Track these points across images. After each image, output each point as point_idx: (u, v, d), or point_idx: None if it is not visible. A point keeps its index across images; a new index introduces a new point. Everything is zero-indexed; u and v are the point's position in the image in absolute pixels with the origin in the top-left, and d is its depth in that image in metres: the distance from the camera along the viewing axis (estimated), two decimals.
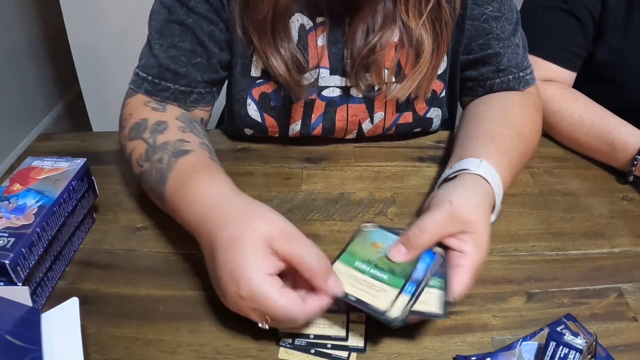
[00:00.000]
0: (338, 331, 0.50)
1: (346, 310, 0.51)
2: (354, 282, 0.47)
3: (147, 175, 0.59)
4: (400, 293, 0.47)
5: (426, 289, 0.47)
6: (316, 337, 0.49)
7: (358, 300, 0.46)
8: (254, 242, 0.45)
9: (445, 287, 0.47)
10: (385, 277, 0.48)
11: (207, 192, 0.52)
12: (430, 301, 0.46)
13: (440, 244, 0.51)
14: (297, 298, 0.44)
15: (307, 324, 0.49)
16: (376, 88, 0.69)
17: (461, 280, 0.48)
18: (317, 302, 0.45)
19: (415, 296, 0.47)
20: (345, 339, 0.49)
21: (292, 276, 0.47)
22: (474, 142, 0.63)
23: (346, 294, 0.46)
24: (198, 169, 0.55)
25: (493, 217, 0.56)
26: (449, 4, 0.64)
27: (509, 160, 0.60)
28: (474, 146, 0.61)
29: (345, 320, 0.50)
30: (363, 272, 0.49)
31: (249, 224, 0.46)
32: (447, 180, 0.58)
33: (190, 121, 0.65)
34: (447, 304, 0.46)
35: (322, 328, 0.50)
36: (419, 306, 0.46)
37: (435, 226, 0.49)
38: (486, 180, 0.55)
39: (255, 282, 0.43)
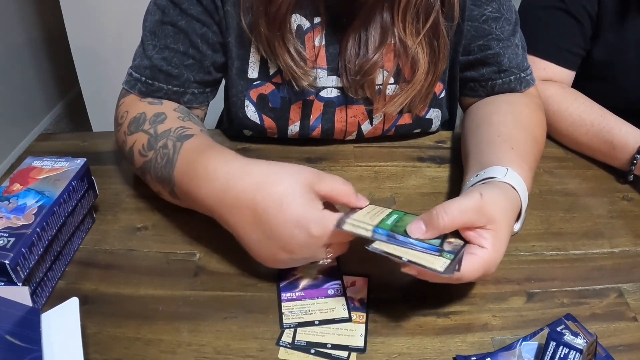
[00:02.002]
0: (340, 313, 0.51)
1: (344, 292, 0.53)
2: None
3: (152, 163, 0.59)
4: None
5: (435, 255, 0.46)
6: (321, 322, 0.50)
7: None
8: (302, 190, 0.49)
9: (454, 259, 0.46)
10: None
11: (226, 164, 0.53)
12: (433, 261, 0.45)
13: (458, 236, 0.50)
14: (344, 214, 0.50)
15: (310, 311, 0.52)
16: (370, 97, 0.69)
17: (471, 265, 0.47)
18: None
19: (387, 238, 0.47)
20: (350, 319, 0.51)
21: None
22: (493, 149, 0.62)
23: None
24: (207, 147, 0.56)
25: (518, 226, 0.55)
26: (447, 21, 0.64)
27: (529, 166, 0.60)
28: (495, 153, 0.61)
29: (345, 303, 0.52)
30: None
31: (287, 178, 0.50)
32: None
33: (188, 112, 0.65)
34: (451, 267, 0.45)
35: (325, 313, 0.51)
36: (421, 260, 0.45)
37: (460, 212, 0.48)
38: (514, 189, 0.54)
39: (322, 218, 0.48)
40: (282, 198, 0.48)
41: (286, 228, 0.48)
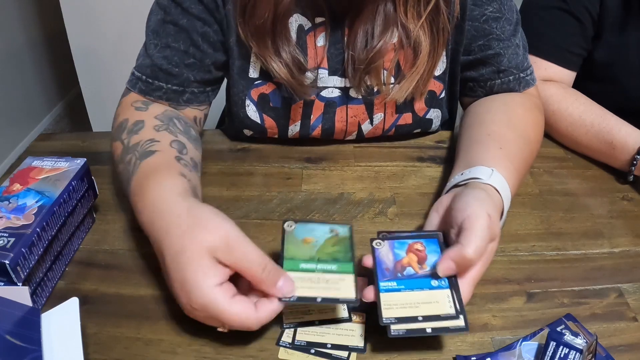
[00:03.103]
0: (340, 313, 0.51)
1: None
2: (310, 284, 0.47)
3: (121, 177, 0.59)
4: (355, 276, 0.48)
5: (452, 317, 0.46)
6: (321, 322, 0.50)
7: (325, 299, 0.46)
8: (198, 254, 0.45)
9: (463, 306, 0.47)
10: (334, 267, 0.49)
11: (156, 196, 0.51)
12: (454, 321, 0.46)
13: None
14: (248, 305, 0.44)
15: (310, 311, 0.51)
16: (375, 90, 0.69)
17: (464, 291, 0.48)
18: (269, 307, 0.45)
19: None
20: (349, 319, 0.50)
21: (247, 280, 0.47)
22: (482, 148, 0.62)
23: (314, 298, 0.46)
24: (154, 172, 0.55)
25: None
26: (448, 7, 0.65)
27: (516, 167, 0.60)
28: (482, 152, 0.61)
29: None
30: (312, 270, 0.48)
31: (190, 234, 0.46)
32: (455, 186, 0.58)
33: (170, 119, 0.64)
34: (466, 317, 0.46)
35: (325, 313, 0.51)
36: (444, 324, 0.46)
37: (485, 244, 0.48)
38: (497, 191, 0.54)
39: (205, 295, 0.44)
40: (178, 254, 0.45)
41: (175, 285, 0.46)
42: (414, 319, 0.45)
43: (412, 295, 0.47)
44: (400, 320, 0.45)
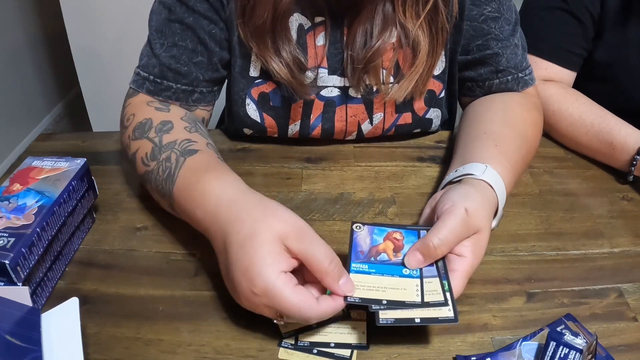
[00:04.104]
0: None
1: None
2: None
3: (154, 175, 0.58)
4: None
5: (440, 305, 0.46)
6: (319, 324, 0.49)
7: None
8: (268, 239, 0.45)
9: (452, 297, 0.47)
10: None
11: (219, 189, 0.52)
12: (443, 311, 0.46)
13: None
14: (310, 296, 0.45)
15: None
16: (374, 89, 0.69)
17: (456, 285, 0.48)
18: (331, 304, 0.45)
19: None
20: (349, 316, 0.50)
21: (302, 273, 0.48)
22: (477, 145, 0.62)
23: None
24: (208, 168, 0.55)
25: (494, 223, 0.56)
26: (446, 7, 0.65)
27: (512, 164, 0.60)
28: (478, 149, 0.61)
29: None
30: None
31: (263, 220, 0.47)
32: (450, 182, 0.58)
33: (195, 121, 0.65)
34: (456, 307, 0.46)
35: None
36: (433, 314, 0.46)
37: (453, 235, 0.49)
38: (491, 186, 0.55)
39: (269, 280, 0.44)
40: (246, 239, 0.46)
41: (236, 271, 0.46)
42: (377, 302, 0.45)
43: (381, 279, 0.48)
44: (364, 300, 0.45)
